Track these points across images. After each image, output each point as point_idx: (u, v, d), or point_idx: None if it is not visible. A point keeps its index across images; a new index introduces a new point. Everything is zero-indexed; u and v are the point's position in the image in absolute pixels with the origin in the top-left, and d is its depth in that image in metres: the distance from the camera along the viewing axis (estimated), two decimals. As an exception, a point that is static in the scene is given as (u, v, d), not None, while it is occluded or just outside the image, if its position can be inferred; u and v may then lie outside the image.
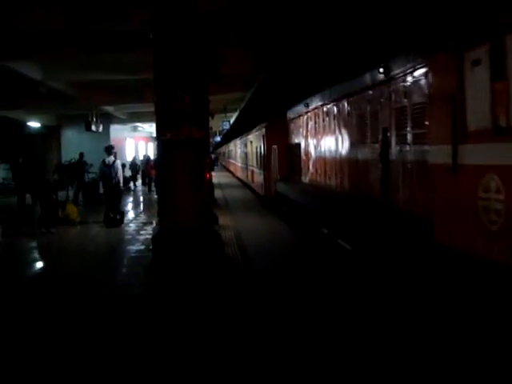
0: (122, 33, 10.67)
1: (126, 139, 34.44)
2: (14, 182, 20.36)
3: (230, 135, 51.55)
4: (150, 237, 11.84)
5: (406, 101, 7.90)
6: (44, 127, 30.16)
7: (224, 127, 40.16)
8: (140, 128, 37.26)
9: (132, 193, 28.77)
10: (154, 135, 9.80)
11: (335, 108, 12.26)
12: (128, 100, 22.50)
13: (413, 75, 7.62)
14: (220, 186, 30.10)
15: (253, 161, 26.63)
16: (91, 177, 22.42)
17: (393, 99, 8.51)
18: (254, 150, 25.41)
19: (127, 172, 26.93)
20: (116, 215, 15.97)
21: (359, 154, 10.42)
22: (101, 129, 26.26)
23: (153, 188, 27.67)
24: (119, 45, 11.64)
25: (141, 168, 31.71)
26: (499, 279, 4.86)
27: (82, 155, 22.76)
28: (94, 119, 25.34)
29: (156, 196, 15.32)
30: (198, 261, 8.02)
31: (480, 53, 5.37)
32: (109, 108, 25.45)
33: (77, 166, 21.90)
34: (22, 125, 29.83)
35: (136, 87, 17.88)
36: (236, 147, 41.07)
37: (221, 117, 31.70)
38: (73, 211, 16.81)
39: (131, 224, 16.31)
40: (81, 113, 25.38)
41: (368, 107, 9.79)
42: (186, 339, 6.02)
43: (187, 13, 8.06)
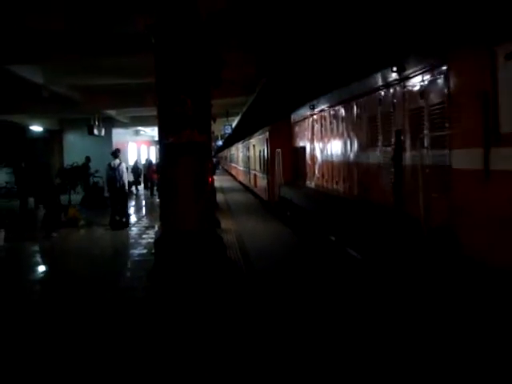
0: (125, 37, 10.71)
1: (128, 143, 34.47)
2: (17, 186, 20.37)
3: (232, 139, 51.54)
4: (153, 241, 11.87)
5: (423, 101, 7.39)
6: (46, 131, 30.21)
7: (226, 131, 40.15)
8: (142, 132, 37.30)
9: (134, 197, 28.76)
10: (156, 139, 9.83)
11: (343, 110, 11.82)
12: (130, 104, 22.54)
13: (431, 73, 7.10)
14: (222, 190, 30.10)
15: (255, 165, 26.21)
16: (95, 180, 22.58)
17: (407, 100, 8.05)
18: (257, 154, 24.98)
19: (129, 176, 26.92)
20: (122, 218, 16.10)
21: (369, 158, 9.97)
22: (103, 133, 26.31)
23: (155, 192, 27.68)
24: (122, 49, 11.67)
25: (143, 172, 31.73)
26: None
27: (89, 159, 23.02)
28: (97, 123, 25.39)
29: (158, 200, 15.39)
30: (201, 264, 8.01)
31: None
32: (111, 112, 25.48)
33: (83, 170, 22.16)
34: (25, 129, 29.86)
35: (138, 91, 17.95)
36: (238, 151, 40.76)
37: (223, 121, 31.74)
38: (75, 215, 16.89)
39: (134, 228, 16.31)
40: (83, 117, 25.42)
41: (379, 109, 9.35)
42: (188, 341, 6.02)
43: (189, 17, 8.07)
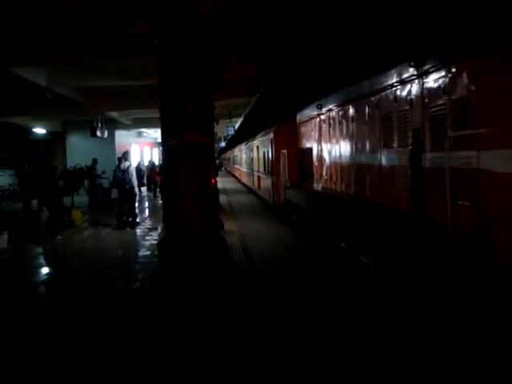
0: (127, 39, 10.71)
1: (131, 145, 34.50)
2: (20, 188, 20.41)
3: (235, 140, 51.56)
4: (156, 242, 11.87)
5: (446, 97, 6.84)
6: (49, 133, 30.27)
7: (229, 132, 40.16)
8: (145, 134, 37.35)
9: (137, 198, 28.75)
10: (159, 141, 9.81)
11: (353, 109, 11.24)
12: (133, 106, 22.58)
13: (456, 67, 6.57)
14: (225, 192, 30.08)
15: (259, 166, 25.67)
16: (98, 182, 22.70)
17: (426, 96, 7.50)
18: (261, 155, 24.46)
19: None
20: (128, 218, 16.33)
21: (382, 160, 9.41)
22: (106, 134, 26.37)
23: (158, 194, 27.70)
24: (124, 51, 11.68)
25: (146, 174, 31.74)
26: None
27: (96, 161, 23.18)
28: (99, 125, 25.45)
29: (161, 201, 15.43)
30: (204, 266, 7.99)
31: None
32: (114, 114, 25.52)
33: (90, 171, 22.47)
34: (28, 131, 29.93)
35: (141, 93, 17.96)
36: (241, 152, 40.44)
37: (225, 122, 31.73)
38: (78, 217, 16.93)
39: (137, 229, 16.32)
40: (86, 119, 25.48)
41: (394, 106, 8.79)
42: (191, 342, 6.01)
43: (192, 18, 8.06)
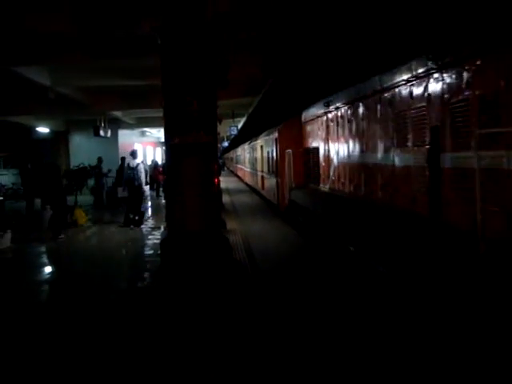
0: (131, 39, 10.73)
1: (134, 144, 34.53)
2: (23, 187, 20.46)
3: (238, 140, 51.59)
4: (158, 241, 11.89)
5: (470, 92, 6.37)
6: (52, 132, 30.31)
7: (232, 132, 40.21)
8: (148, 133, 37.38)
9: (144, 196, 28.80)
10: (162, 140, 9.83)
11: (364, 106, 10.70)
12: (136, 105, 22.61)
13: (484, 59, 6.09)
14: (228, 191, 30.10)
15: (263, 166, 25.09)
16: (104, 181, 22.92)
17: (447, 92, 6.98)
18: (265, 155, 23.82)
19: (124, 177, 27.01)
20: (135, 216, 16.54)
21: (396, 159, 8.89)
22: (109, 134, 26.39)
23: (161, 193, 27.72)
24: (128, 50, 11.70)
25: (148, 173, 31.73)
26: None
27: (101, 160, 23.38)
28: (103, 124, 25.47)
29: (164, 201, 15.47)
30: (207, 265, 8.01)
31: None
32: (117, 113, 25.55)
33: (96, 170, 22.74)
34: (31, 130, 30.00)
35: (144, 92, 18.01)
36: (245, 152, 40.07)
37: (228, 122, 31.77)
38: (81, 216, 17.00)
39: (140, 229, 16.34)
40: (89, 118, 25.51)
41: (409, 103, 8.25)
42: (193, 340, 6.02)
43: (195, 19, 8.08)
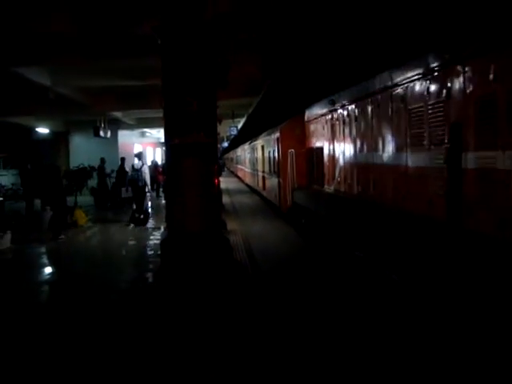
0: (131, 39, 10.73)
1: (134, 145, 34.55)
2: (23, 188, 20.48)
3: (238, 140, 51.59)
4: (158, 242, 11.89)
5: (498, 85, 5.77)
6: (52, 133, 30.32)
7: (231, 132, 40.21)
8: (148, 134, 37.39)
9: (148, 196, 28.82)
10: (162, 141, 9.82)
11: (373, 103, 10.09)
12: (136, 106, 22.61)
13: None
14: (228, 192, 30.11)
15: (265, 167, 24.42)
16: (107, 181, 23.02)
17: (471, 85, 6.41)
18: (267, 155, 23.23)
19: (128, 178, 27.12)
20: (140, 215, 17.04)
21: (410, 160, 8.29)
22: (109, 134, 26.41)
23: (161, 193, 27.73)
24: (128, 51, 11.70)
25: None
26: None
27: (104, 160, 23.70)
28: (102, 125, 25.49)
29: (164, 201, 15.52)
30: (207, 265, 8.01)
31: None
32: (117, 114, 25.55)
33: (99, 171, 23.18)
34: (31, 131, 29.99)
35: (144, 93, 18.00)
36: (245, 152, 39.65)
37: (228, 122, 31.77)
38: (81, 217, 17.02)
39: (138, 230, 16.35)
40: (89, 119, 25.52)
41: (425, 99, 7.64)
42: (193, 340, 6.02)
43: (195, 19, 8.08)
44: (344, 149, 12.35)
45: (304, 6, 9.80)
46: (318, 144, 15.01)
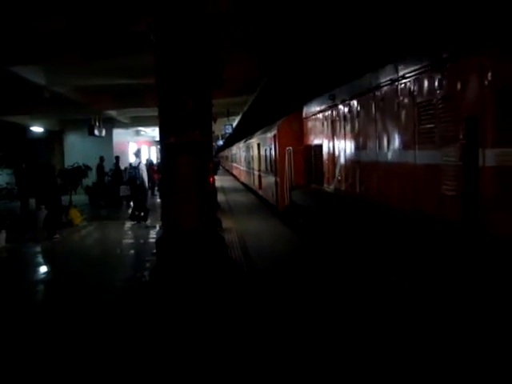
0: (126, 37, 10.71)
1: (129, 143, 34.50)
2: (18, 187, 20.41)
3: (234, 138, 51.52)
4: (154, 240, 11.89)
5: None
6: (47, 132, 30.24)
7: (226, 131, 40.18)
8: (143, 132, 37.33)
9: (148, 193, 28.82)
10: (157, 139, 9.82)
11: (378, 98, 9.53)
12: (131, 104, 22.57)
13: None
14: (223, 190, 30.10)
15: (261, 165, 23.90)
16: (107, 180, 23.08)
17: (488, 75, 5.94)
18: (263, 153, 22.67)
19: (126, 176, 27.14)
20: (140, 212, 17.30)
21: (419, 157, 7.78)
22: (104, 133, 26.40)
23: (156, 192, 27.70)
24: (123, 49, 11.67)
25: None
26: None
27: (103, 159, 23.99)
28: (97, 124, 25.46)
29: (159, 200, 15.54)
30: (202, 264, 8.02)
31: None
32: (112, 112, 25.50)
33: (98, 170, 23.53)
34: (25, 130, 29.89)
35: (139, 91, 17.98)
36: (240, 150, 39.25)
37: (223, 120, 31.75)
38: (76, 216, 16.99)
39: (134, 228, 16.34)
40: (84, 117, 25.47)
41: (436, 91, 7.13)
42: (189, 339, 6.03)
43: (191, 16, 8.07)
44: (345, 146, 11.76)
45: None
46: (317, 141, 14.52)
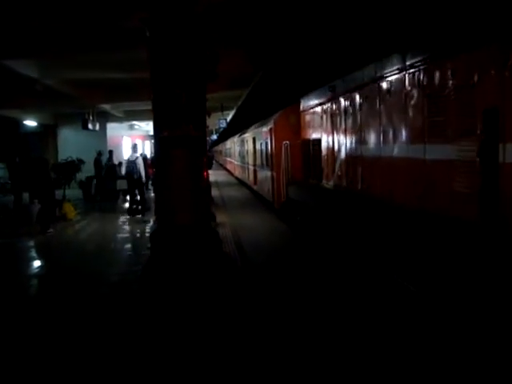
0: (120, 31, 10.64)
1: (123, 137, 34.40)
2: (11, 181, 20.34)
3: (228, 133, 51.43)
4: (148, 235, 11.88)
5: None
6: (40, 126, 30.11)
7: (221, 125, 40.11)
8: (137, 126, 37.20)
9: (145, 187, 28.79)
10: (151, 133, 9.78)
11: (382, 89, 8.99)
12: (125, 98, 22.51)
13: None
14: (217, 185, 30.10)
15: (256, 160, 23.26)
16: (86, 175, 23.02)
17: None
18: (259, 148, 22.00)
19: (123, 171, 27.00)
20: (138, 206, 17.70)
21: (429, 152, 7.27)
22: (97, 127, 26.29)
23: (150, 186, 27.63)
24: (117, 43, 11.62)
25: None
26: None
27: (101, 153, 24.33)
28: (91, 117, 25.36)
29: (153, 194, 15.53)
30: (196, 258, 8.02)
31: None
32: (106, 106, 25.41)
33: (96, 164, 23.73)
34: (18, 123, 29.75)
35: (133, 85, 17.86)
36: (235, 145, 38.82)
37: (217, 115, 31.69)
38: (70, 210, 16.94)
39: (129, 223, 16.32)
40: (77, 111, 25.36)
41: (449, 81, 6.67)
42: (182, 334, 6.03)
43: (184, 10, 8.04)
44: (347, 141, 11.21)
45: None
46: (316, 135, 13.99)
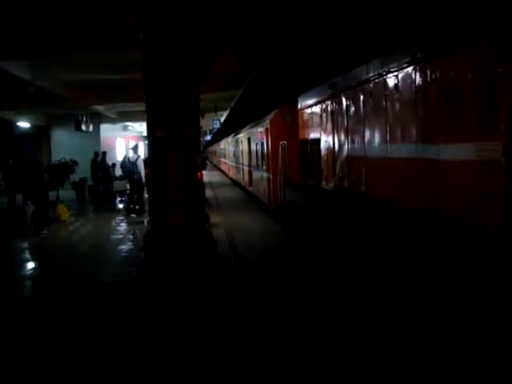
0: (113, 32, 10.66)
1: (116, 139, 34.35)
2: (4, 183, 20.26)
3: (222, 133, 51.42)
4: (142, 235, 11.87)
5: None
6: (34, 127, 30.03)
7: (214, 126, 40.14)
8: (130, 127, 37.16)
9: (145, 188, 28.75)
10: (145, 134, 9.78)
11: (389, 85, 8.39)
12: (118, 99, 22.48)
13: None
14: (211, 185, 30.09)
15: (252, 160, 22.62)
16: (79, 177, 23.03)
17: None
18: (254, 148, 21.43)
19: (117, 172, 26.95)
20: (135, 206, 17.79)
21: (443, 152, 6.70)
22: (91, 128, 26.27)
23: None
24: (110, 44, 11.62)
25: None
26: None
27: (97, 154, 24.50)
28: (84, 119, 25.33)
29: (147, 195, 15.53)
30: (190, 259, 8.03)
31: None
32: (99, 107, 25.37)
33: (93, 165, 23.96)
34: (12, 125, 29.66)
35: (126, 86, 17.86)
36: (229, 145, 38.64)
37: (211, 115, 31.70)
38: (64, 211, 16.92)
39: (123, 224, 16.31)
40: (71, 112, 25.33)
41: (467, 76, 6.18)
42: (177, 334, 6.05)
43: (178, 11, 8.05)
44: (348, 140, 10.63)
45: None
46: (315, 135, 13.31)
